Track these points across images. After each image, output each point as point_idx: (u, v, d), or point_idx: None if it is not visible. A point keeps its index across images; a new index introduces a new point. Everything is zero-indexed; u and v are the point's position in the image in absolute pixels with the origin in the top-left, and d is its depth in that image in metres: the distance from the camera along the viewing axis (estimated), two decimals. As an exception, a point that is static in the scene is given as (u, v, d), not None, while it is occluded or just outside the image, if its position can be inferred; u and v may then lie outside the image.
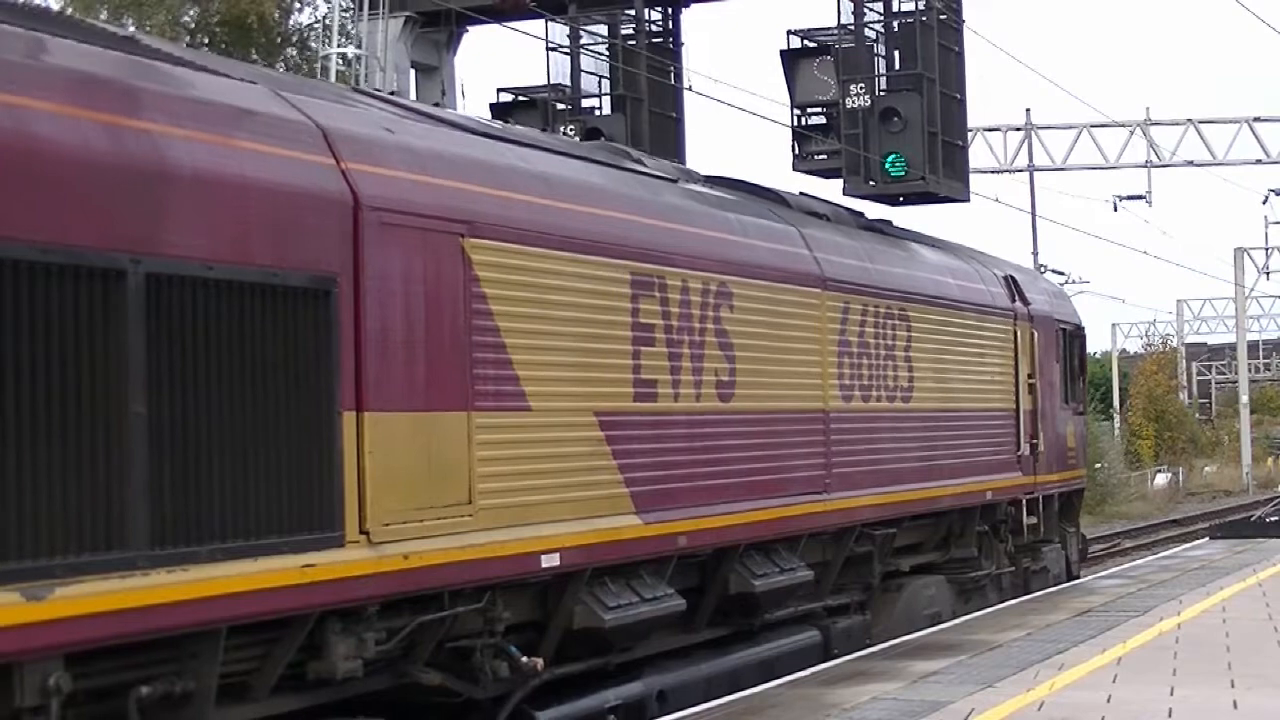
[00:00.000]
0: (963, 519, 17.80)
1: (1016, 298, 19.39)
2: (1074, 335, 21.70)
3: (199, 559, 8.01)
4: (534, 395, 10.55)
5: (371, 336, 9.19)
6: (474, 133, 11.29)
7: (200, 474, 8.06)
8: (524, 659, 10.53)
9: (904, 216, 19.76)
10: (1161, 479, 63.75)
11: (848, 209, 17.72)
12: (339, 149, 9.25)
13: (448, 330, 9.81)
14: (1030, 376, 19.27)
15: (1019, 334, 19.10)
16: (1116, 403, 77.52)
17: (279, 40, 33.89)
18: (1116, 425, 70.57)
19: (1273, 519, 33.04)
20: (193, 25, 32.78)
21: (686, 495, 12.14)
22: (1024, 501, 19.22)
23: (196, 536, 8.02)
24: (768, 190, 15.89)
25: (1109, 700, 11.24)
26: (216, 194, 8.29)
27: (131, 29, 28.02)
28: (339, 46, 25.93)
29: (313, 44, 32.04)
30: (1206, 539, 28.32)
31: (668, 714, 11.69)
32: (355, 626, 9.16)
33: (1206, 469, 74.40)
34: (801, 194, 17.04)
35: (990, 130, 48.03)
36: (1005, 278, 19.49)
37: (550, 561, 10.59)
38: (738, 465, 12.85)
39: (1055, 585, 20.23)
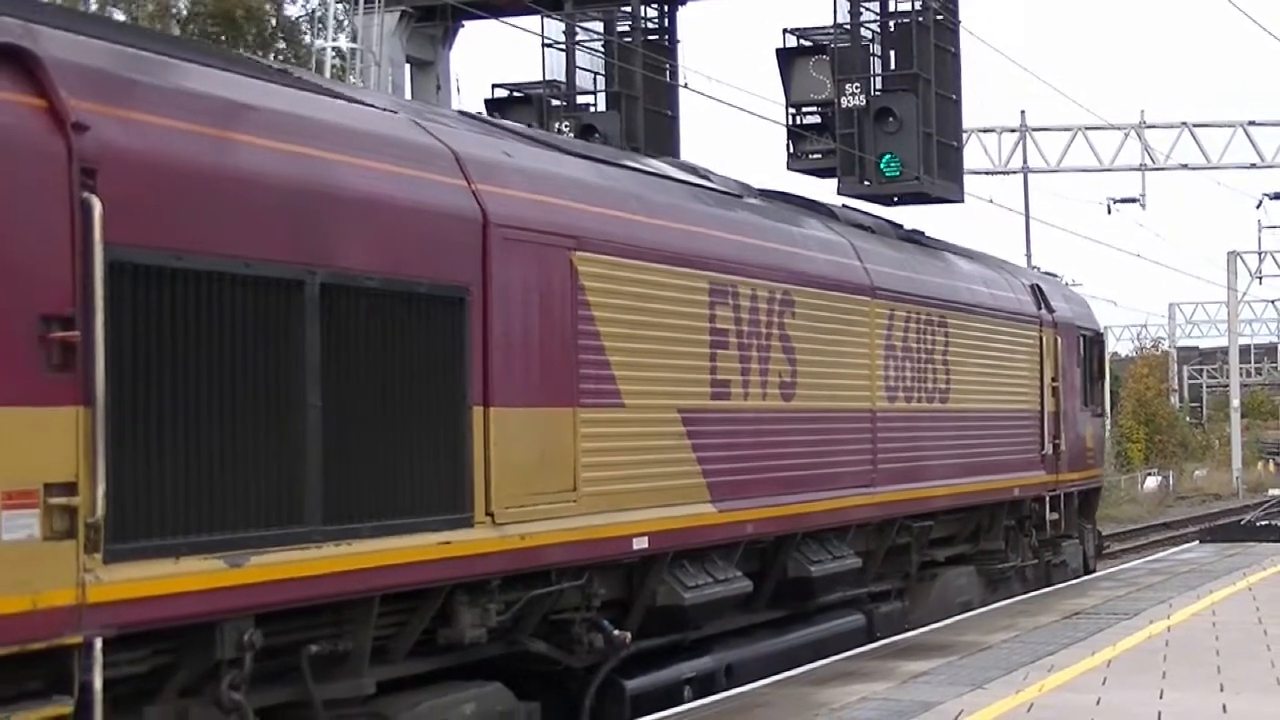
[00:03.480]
0: (991, 514, 18.95)
1: (1042, 305, 20.52)
2: (1093, 341, 22.86)
3: (359, 535, 9.12)
4: (628, 393, 11.65)
5: (496, 340, 10.29)
6: (576, 155, 12.40)
7: (360, 459, 9.17)
8: (615, 632, 11.65)
9: (897, 216, 20.10)
10: (1152, 482, 64.08)
11: (887, 220, 18.79)
12: (469, 172, 10.36)
13: (557, 334, 10.92)
14: (1054, 380, 20.41)
15: (1044, 339, 20.24)
16: (1107, 405, 78.38)
17: (269, 33, 34.20)
18: (1107, 428, 71.40)
19: (1263, 523, 33.50)
20: (184, 15, 32.99)
21: (753, 486, 13.24)
22: (1047, 498, 20.39)
23: (357, 514, 9.12)
24: (815, 203, 17.00)
25: (1098, 703, 11.32)
26: (375, 213, 9.39)
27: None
28: (333, 40, 26.25)
29: (305, 37, 32.27)
30: (1196, 542, 28.55)
31: (731, 688, 12.78)
32: (480, 598, 10.27)
33: (1197, 473, 74.77)
34: (844, 206, 18.13)
35: (985, 131, 48.18)
36: (1032, 286, 20.63)
37: (640, 544, 11.71)
38: (797, 459, 13.97)
39: (1074, 578, 21.38)
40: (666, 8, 23.64)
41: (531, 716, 10.91)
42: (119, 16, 31.64)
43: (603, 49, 23.20)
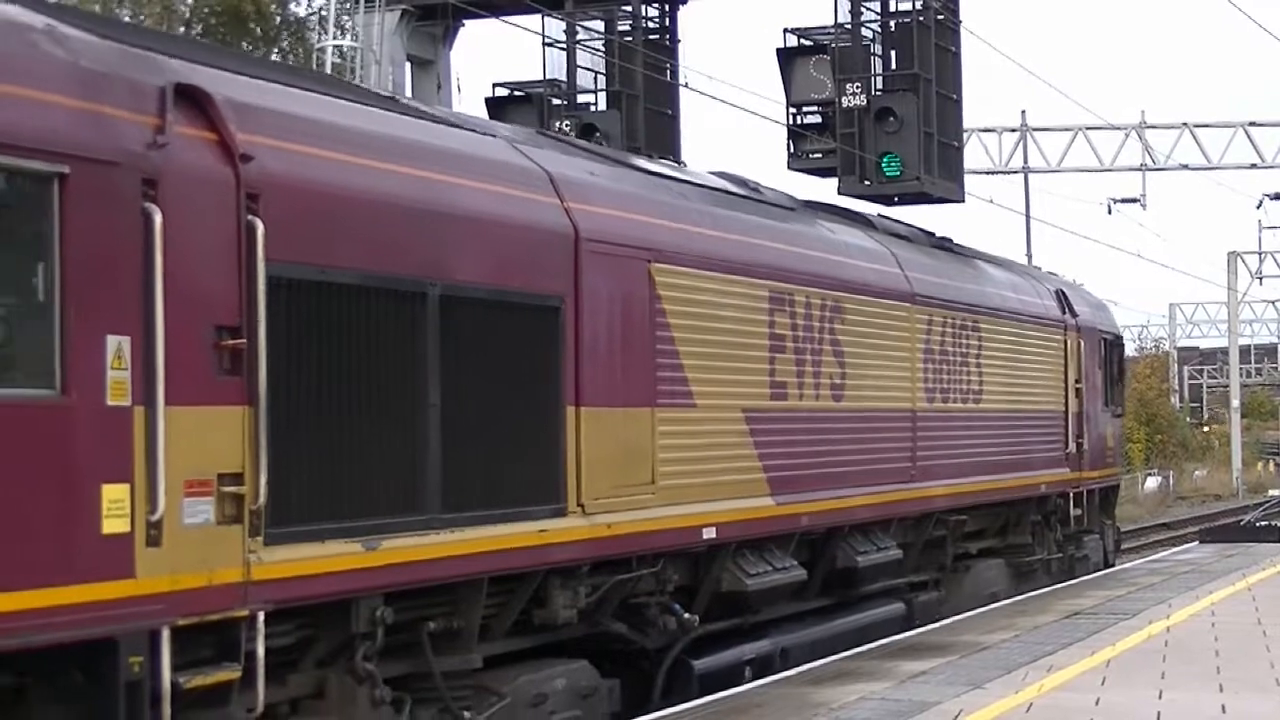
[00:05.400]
0: (1019, 509, 19.94)
1: (1066, 310, 21.49)
2: (1113, 344, 23.88)
3: (471, 523, 10.05)
4: (698, 394, 12.60)
5: (586, 345, 11.23)
6: (648, 173, 13.36)
7: (471, 453, 10.10)
8: (685, 615, 12.59)
9: (898, 215, 20.07)
10: (1152, 483, 64.31)
11: (920, 229, 19.68)
12: (562, 190, 11.30)
13: (638, 339, 11.86)
14: (1077, 381, 21.38)
15: (1068, 343, 21.21)
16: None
17: (272, 33, 34.47)
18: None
19: (1263, 524, 33.68)
20: (188, 15, 33.25)
21: (807, 481, 14.18)
22: (1070, 495, 21.36)
23: (469, 504, 10.05)
24: (854, 213, 17.99)
25: (1097, 703, 11.34)
26: (484, 230, 10.33)
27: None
28: (335, 39, 26.49)
29: (311, 34, 32.02)
30: (1196, 543, 28.73)
31: (787, 669, 13.69)
32: (571, 582, 11.20)
33: (1197, 473, 75.14)
34: (880, 216, 19.05)
35: (986, 131, 48.08)
36: (1057, 291, 21.59)
37: (709, 534, 12.66)
38: (846, 456, 14.92)
39: (1095, 572, 22.33)
40: (667, 7, 23.71)
41: (612, 692, 11.84)
42: (125, 17, 32.03)
43: (603, 48, 23.37)
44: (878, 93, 20.50)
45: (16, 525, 7.18)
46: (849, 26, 20.80)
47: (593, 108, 23.21)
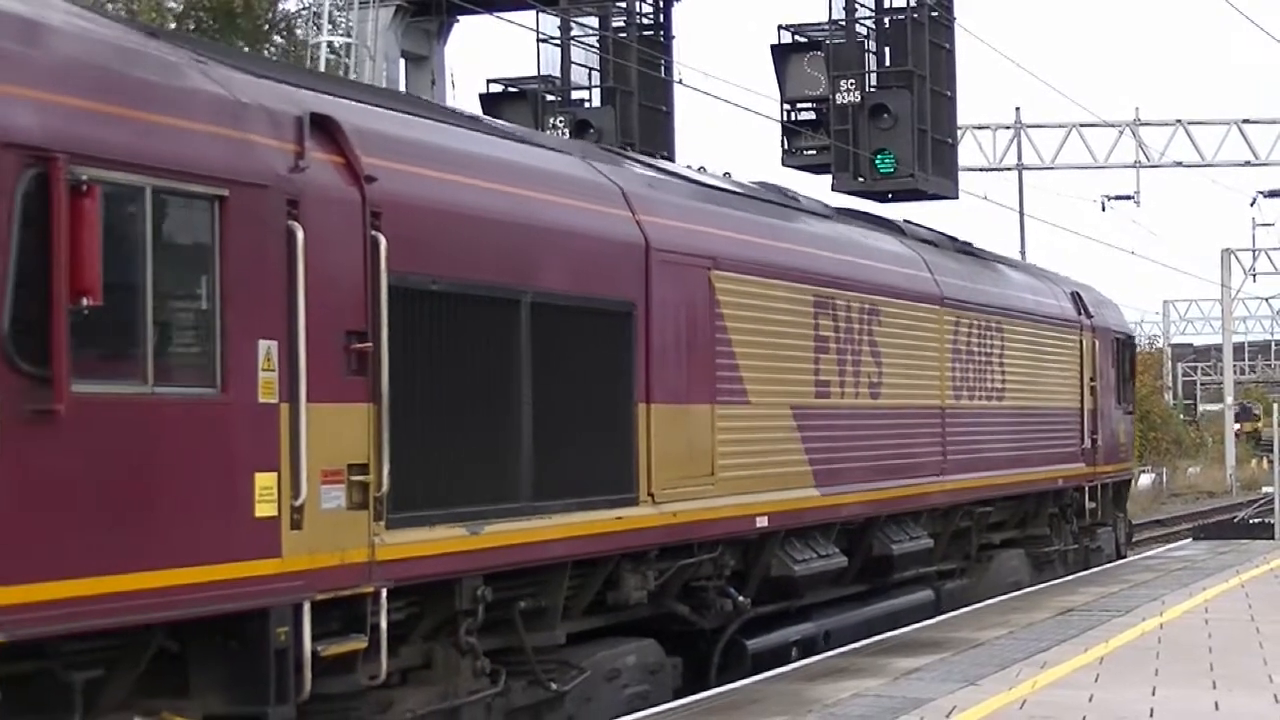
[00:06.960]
0: (1037, 502, 20.88)
1: (1082, 311, 22.42)
2: (1125, 344, 24.82)
3: (557, 510, 10.96)
4: (752, 392, 13.51)
5: (655, 346, 12.15)
6: (706, 186, 14.27)
7: (557, 446, 11.00)
8: (739, 598, 13.50)
9: (891, 212, 20.32)
10: (1145, 479, 64.76)
11: (944, 233, 20.57)
12: (633, 204, 12.21)
13: (700, 341, 12.78)
14: (1092, 380, 22.32)
15: (1084, 342, 22.16)
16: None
17: (266, 27, 34.72)
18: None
19: (1256, 520, 33.70)
20: (179, 10, 33.57)
21: (848, 474, 15.10)
22: (1085, 488, 22.29)
23: (555, 492, 10.96)
24: (883, 219, 18.88)
25: (1091, 700, 11.34)
26: (568, 242, 11.23)
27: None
28: (328, 35, 26.56)
29: (299, 31, 31.90)
30: (1190, 539, 29.00)
31: (829, 650, 14.59)
32: (641, 566, 12.11)
33: (1190, 470, 75.57)
34: (906, 221, 19.94)
35: (980, 128, 48.29)
36: (1073, 293, 22.53)
37: (762, 522, 13.58)
38: (883, 450, 15.86)
39: (1108, 563, 23.26)
40: (662, 3, 23.94)
41: (676, 669, 12.76)
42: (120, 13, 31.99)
43: (598, 44, 23.57)
44: (872, 89, 20.83)
45: (188, 510, 8.07)
46: (843, 23, 21.17)
47: (587, 104, 23.48)
